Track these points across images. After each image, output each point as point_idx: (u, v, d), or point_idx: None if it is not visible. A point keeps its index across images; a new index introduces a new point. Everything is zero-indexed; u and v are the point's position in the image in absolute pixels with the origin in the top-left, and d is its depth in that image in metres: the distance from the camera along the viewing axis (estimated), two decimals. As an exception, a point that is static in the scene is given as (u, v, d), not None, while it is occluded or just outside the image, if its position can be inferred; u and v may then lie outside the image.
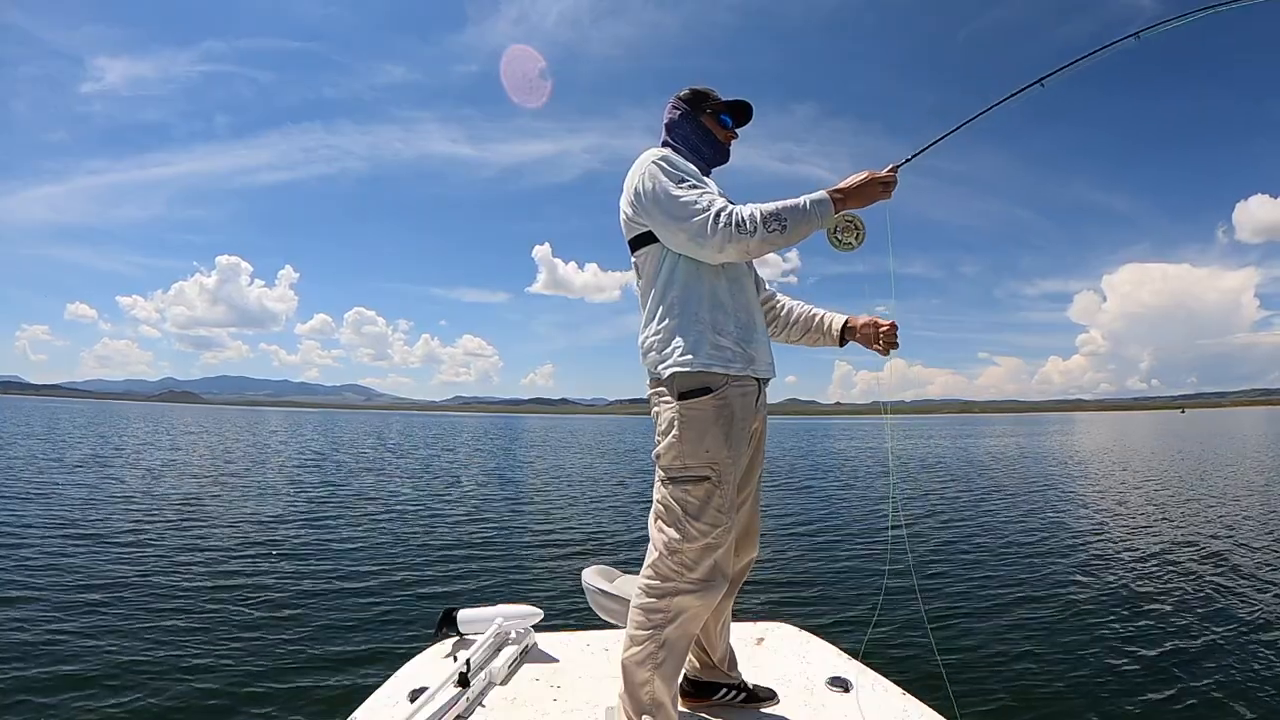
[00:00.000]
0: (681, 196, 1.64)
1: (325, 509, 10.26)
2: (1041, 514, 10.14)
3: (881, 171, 1.70)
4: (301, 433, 40.97)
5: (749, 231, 1.58)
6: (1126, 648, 4.45)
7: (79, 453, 19.27)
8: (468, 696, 1.91)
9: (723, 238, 1.59)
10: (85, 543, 7.23)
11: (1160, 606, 5.32)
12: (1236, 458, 21.08)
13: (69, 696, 3.57)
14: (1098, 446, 29.41)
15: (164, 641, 4.38)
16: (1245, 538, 8.01)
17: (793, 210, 1.62)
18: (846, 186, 1.67)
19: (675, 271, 1.71)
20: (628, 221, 1.78)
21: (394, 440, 33.90)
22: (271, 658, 4.16)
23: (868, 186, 1.68)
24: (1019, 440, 35.98)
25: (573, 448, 30.21)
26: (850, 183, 1.67)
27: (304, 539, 7.88)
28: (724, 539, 1.65)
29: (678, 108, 1.90)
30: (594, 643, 2.38)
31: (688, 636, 1.67)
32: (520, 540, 8.15)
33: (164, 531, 8.02)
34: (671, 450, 1.66)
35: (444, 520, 9.47)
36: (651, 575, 1.67)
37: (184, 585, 5.71)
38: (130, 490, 11.64)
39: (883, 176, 1.69)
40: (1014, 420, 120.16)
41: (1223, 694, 3.72)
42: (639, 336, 1.79)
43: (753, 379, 1.72)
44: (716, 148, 1.91)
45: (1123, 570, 6.51)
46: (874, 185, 1.68)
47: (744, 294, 1.78)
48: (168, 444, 25.26)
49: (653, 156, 1.73)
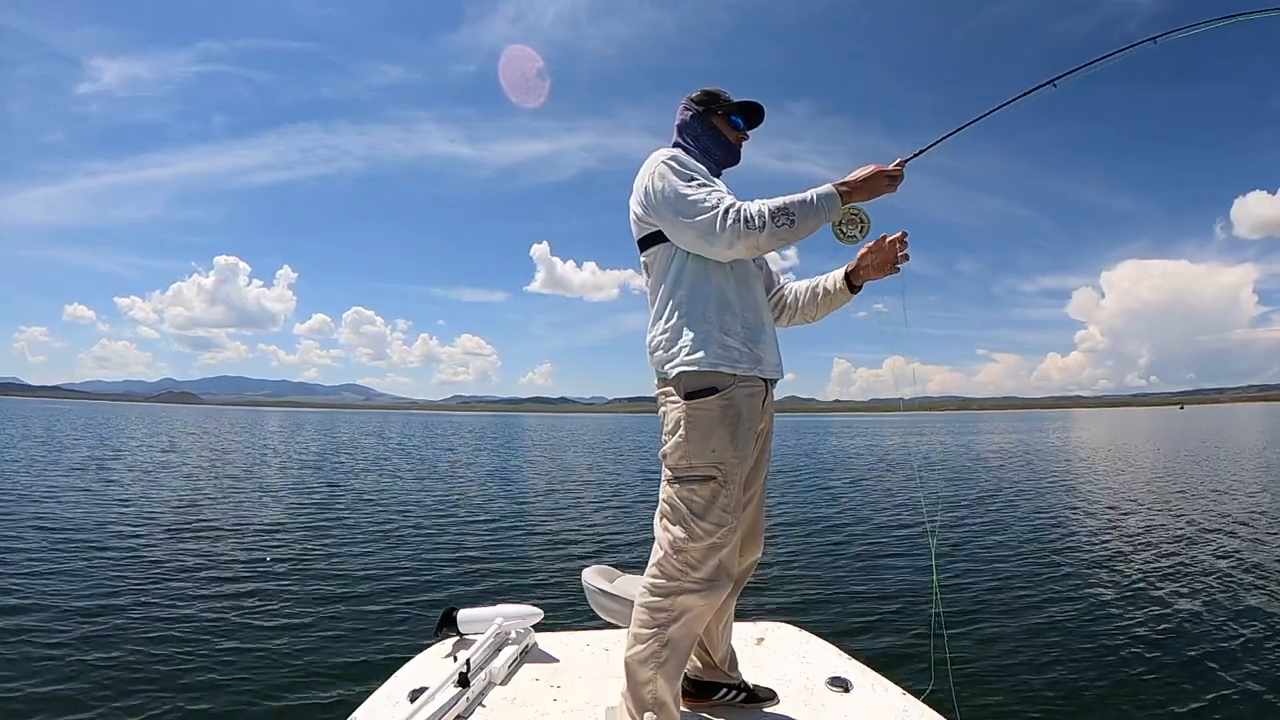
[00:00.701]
0: (690, 194, 1.64)
1: (325, 509, 10.25)
2: (1051, 513, 10.11)
3: (889, 165, 1.70)
4: (301, 433, 40.96)
5: (758, 227, 1.58)
6: (1137, 652, 4.37)
7: (77, 455, 19.28)
8: (468, 696, 1.91)
9: (732, 234, 1.59)
10: (83, 543, 7.23)
11: (1176, 610, 5.22)
12: (1242, 454, 21.04)
13: (67, 697, 3.57)
14: (1101, 443, 29.39)
15: (163, 642, 4.37)
16: (1258, 536, 7.96)
17: (800, 205, 1.62)
18: (853, 180, 1.67)
19: (683, 271, 1.72)
20: (637, 221, 1.78)
21: (394, 440, 33.88)
22: (271, 658, 4.16)
23: (874, 180, 1.68)
24: (1022, 437, 35.95)
25: (572, 447, 30.20)
26: (857, 176, 1.68)
27: (304, 539, 7.88)
28: (729, 539, 1.65)
29: (689, 109, 1.90)
30: (594, 643, 2.38)
31: (691, 636, 1.68)
32: (520, 540, 8.15)
33: (163, 533, 8.02)
34: (678, 450, 1.66)
35: (444, 520, 9.47)
36: (656, 574, 1.67)
37: (183, 586, 5.71)
38: (129, 492, 11.64)
39: (890, 170, 1.69)
40: (1013, 417, 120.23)
41: (1228, 699, 3.68)
42: (646, 335, 1.79)
43: (760, 379, 1.72)
44: (727, 149, 1.91)
45: (1136, 572, 6.43)
46: (880, 179, 1.68)
47: (752, 295, 1.78)
48: (166, 445, 25.25)
49: (662, 156, 1.73)
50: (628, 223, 1.82)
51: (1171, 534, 8.21)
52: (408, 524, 9.09)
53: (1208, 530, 8.38)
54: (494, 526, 9.04)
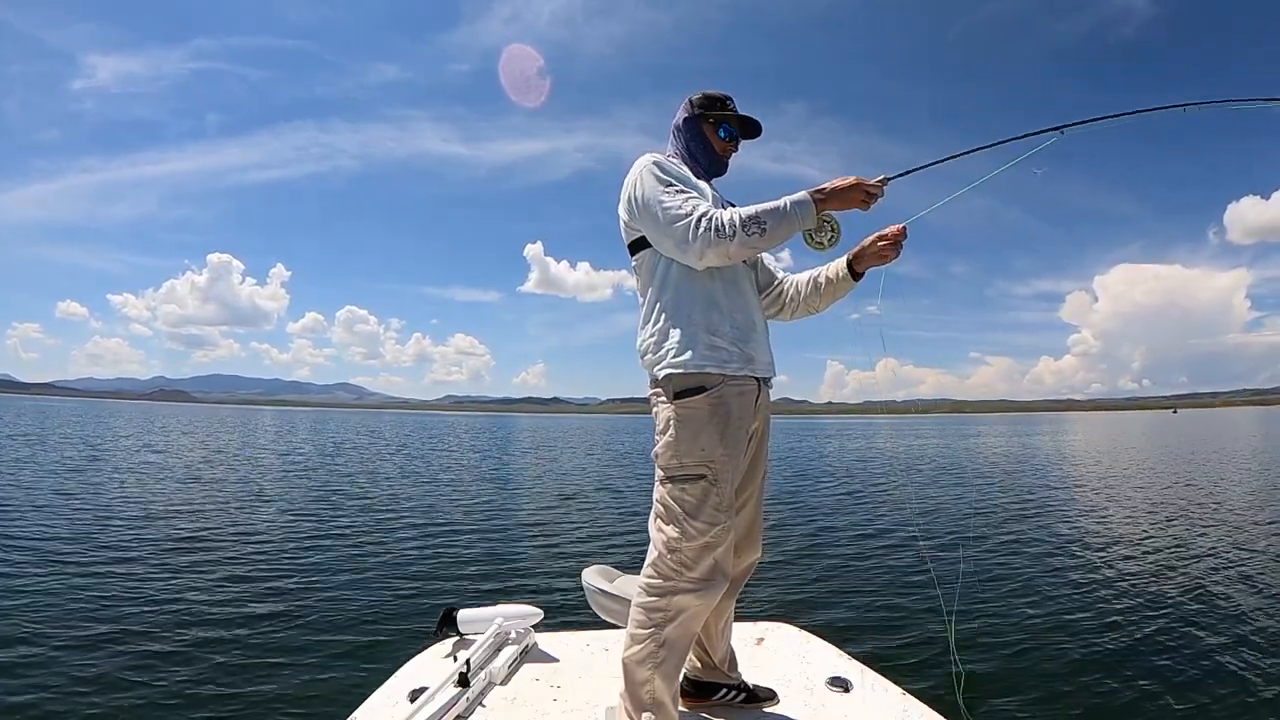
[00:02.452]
0: (666, 202, 1.65)
1: (323, 509, 10.20)
2: (1049, 513, 10.14)
3: (870, 181, 1.69)
4: (295, 432, 40.78)
5: (728, 236, 1.59)
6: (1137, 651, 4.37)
7: (73, 453, 19.17)
8: (468, 696, 1.91)
9: (703, 244, 1.60)
10: (80, 544, 7.18)
11: (1175, 609, 5.21)
12: (1238, 458, 21.08)
13: (65, 696, 3.54)
14: (1097, 446, 29.40)
15: (162, 642, 4.35)
16: (1256, 539, 7.97)
17: (772, 212, 1.62)
18: (829, 188, 1.66)
19: (670, 274, 1.73)
20: (625, 226, 1.79)
21: (389, 439, 33.80)
22: (271, 658, 4.14)
23: (851, 192, 1.66)
24: (1016, 440, 36.05)
25: (571, 447, 30.17)
26: (834, 185, 1.67)
27: (302, 539, 7.84)
28: (723, 538, 1.65)
29: (686, 110, 1.90)
30: (594, 643, 2.38)
31: (688, 635, 1.68)
32: (520, 540, 8.13)
33: (160, 534, 7.96)
34: (668, 449, 1.67)
35: (443, 520, 9.44)
36: (652, 574, 1.68)
37: (181, 586, 5.67)
38: (126, 492, 11.56)
39: (869, 186, 1.68)
40: (1007, 420, 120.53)
41: (1227, 700, 3.68)
42: (637, 338, 1.80)
43: (752, 378, 1.72)
44: (712, 157, 1.89)
45: (1135, 572, 6.43)
46: (858, 192, 1.66)
47: (741, 295, 1.78)
48: (160, 444, 25.13)
49: (646, 162, 1.73)
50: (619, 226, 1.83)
51: (1169, 535, 8.25)
52: (407, 524, 9.07)
53: (1205, 531, 8.43)
54: (494, 526, 9.02)
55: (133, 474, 14.16)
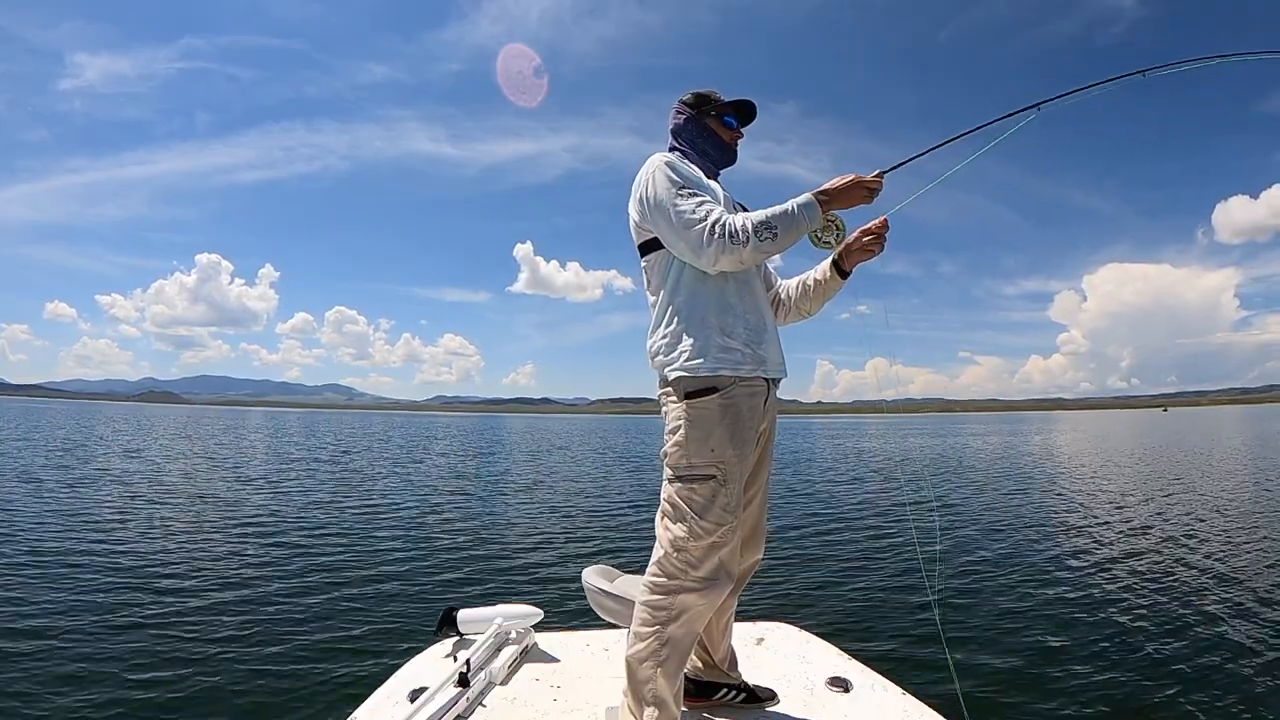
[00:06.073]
0: (680, 205, 1.65)
1: (322, 510, 10.15)
2: (1046, 513, 10.18)
3: (868, 176, 1.73)
4: (286, 433, 40.53)
5: (742, 242, 1.61)
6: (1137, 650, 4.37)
7: (67, 453, 18.97)
8: (468, 696, 1.91)
9: (717, 249, 1.61)
10: (80, 544, 7.12)
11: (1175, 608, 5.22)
12: (1227, 455, 21.23)
13: (60, 695, 3.52)
14: (1088, 445, 29.53)
15: (161, 642, 4.32)
16: (1248, 536, 8.02)
17: (782, 216, 1.65)
18: (831, 188, 1.70)
19: (682, 276, 1.73)
20: (636, 227, 1.79)
21: (384, 440, 33.63)
22: (271, 658, 4.12)
23: (852, 189, 1.71)
24: (1008, 439, 36.20)
25: (568, 447, 30.09)
26: (835, 185, 1.70)
27: (301, 539, 7.79)
28: (729, 538, 1.66)
29: (681, 112, 1.91)
30: (594, 643, 2.38)
31: (691, 634, 1.68)
32: (520, 540, 8.10)
33: (157, 535, 7.90)
34: (678, 449, 1.67)
35: (443, 520, 9.41)
36: (657, 572, 1.68)
37: (180, 586, 5.64)
38: (123, 493, 11.46)
39: (868, 181, 1.72)
40: (997, 419, 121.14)
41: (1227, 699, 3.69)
42: (647, 340, 1.79)
43: (762, 379, 1.73)
44: (723, 149, 1.92)
45: (1134, 571, 6.44)
46: (859, 189, 1.71)
47: (752, 296, 1.79)
48: (152, 445, 24.89)
49: (658, 162, 1.73)
50: (611, 223, 1.86)
51: (1165, 533, 8.30)
52: (407, 524, 9.03)
53: (1198, 528, 8.50)
54: (494, 526, 8.99)
55: (127, 476, 14.03)
